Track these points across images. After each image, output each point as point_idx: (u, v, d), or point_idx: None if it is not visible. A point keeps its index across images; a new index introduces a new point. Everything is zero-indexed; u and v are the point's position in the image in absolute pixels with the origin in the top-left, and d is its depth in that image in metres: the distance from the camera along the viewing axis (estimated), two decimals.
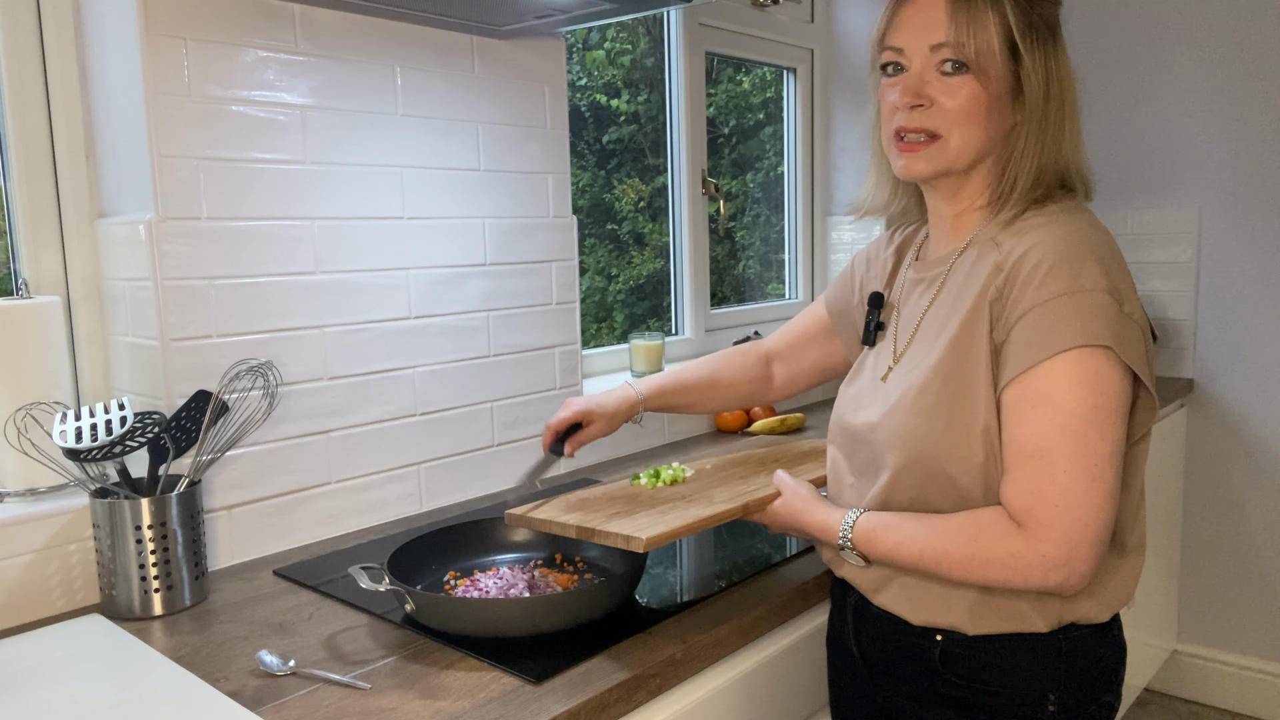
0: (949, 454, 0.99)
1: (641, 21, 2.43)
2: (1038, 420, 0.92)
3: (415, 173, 1.58)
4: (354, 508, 1.53)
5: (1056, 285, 0.93)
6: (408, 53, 1.55)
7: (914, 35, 1.01)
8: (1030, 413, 0.93)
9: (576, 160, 2.29)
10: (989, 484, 0.98)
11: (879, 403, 1.09)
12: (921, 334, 1.08)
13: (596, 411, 1.33)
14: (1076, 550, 0.92)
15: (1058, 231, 0.97)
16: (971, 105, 1.00)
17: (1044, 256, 0.95)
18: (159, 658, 1.07)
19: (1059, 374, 0.92)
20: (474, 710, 0.94)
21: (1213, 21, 2.58)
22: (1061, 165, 1.03)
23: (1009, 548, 0.93)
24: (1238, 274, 2.62)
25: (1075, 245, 0.95)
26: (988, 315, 0.98)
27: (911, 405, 1.02)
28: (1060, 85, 1.01)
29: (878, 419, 1.07)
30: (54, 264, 1.38)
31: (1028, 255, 0.96)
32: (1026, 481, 0.93)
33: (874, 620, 1.11)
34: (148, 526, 1.18)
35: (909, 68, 1.03)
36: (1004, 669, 1.02)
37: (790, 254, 2.91)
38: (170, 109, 1.29)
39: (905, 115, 1.03)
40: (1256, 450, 2.64)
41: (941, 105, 1.01)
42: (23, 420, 1.24)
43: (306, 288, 1.45)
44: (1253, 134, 2.55)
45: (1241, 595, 2.70)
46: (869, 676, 1.15)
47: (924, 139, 1.03)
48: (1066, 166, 1.03)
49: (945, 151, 1.02)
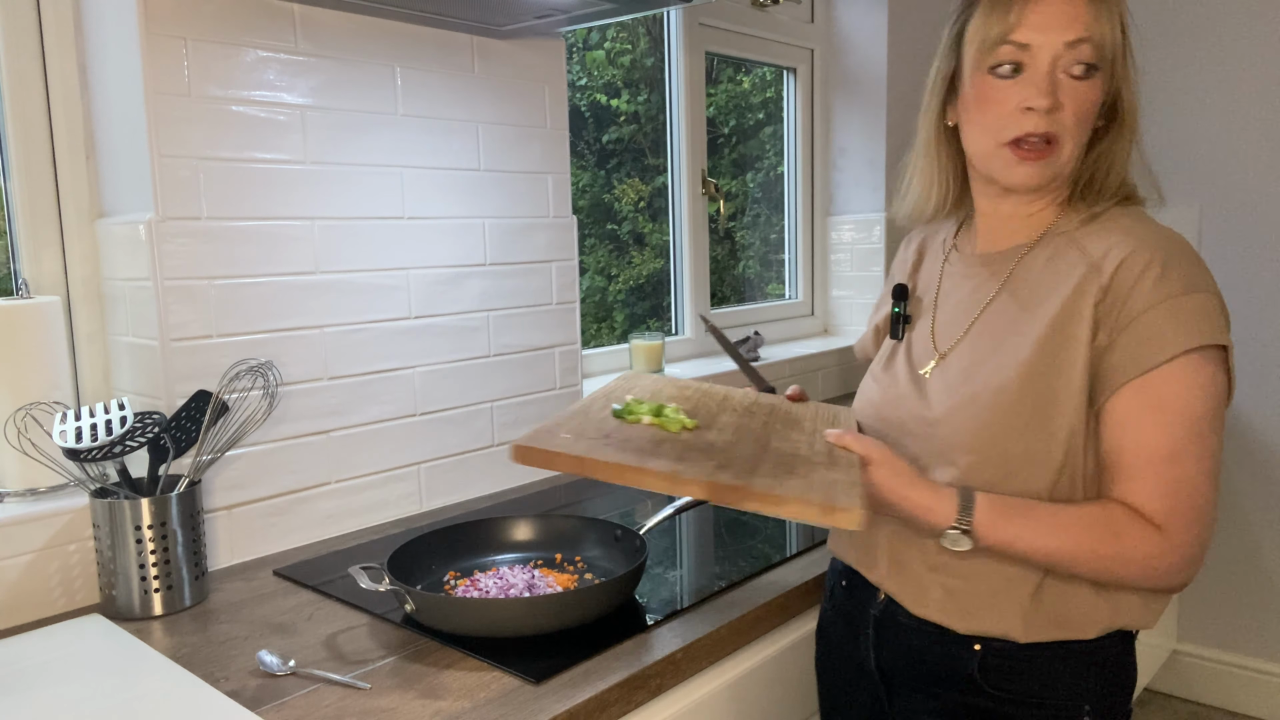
0: (1026, 454, 0.97)
1: (641, 21, 2.43)
2: (1166, 424, 0.92)
3: (415, 173, 1.58)
4: (354, 508, 1.53)
5: (1171, 286, 0.92)
6: (408, 53, 1.55)
7: (1049, 32, 0.95)
8: (1157, 416, 0.93)
9: (576, 160, 2.29)
10: (1057, 486, 0.97)
11: (934, 397, 1.05)
12: (981, 330, 1.05)
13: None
14: (1204, 548, 0.94)
15: (1153, 232, 0.97)
16: (1090, 110, 0.98)
17: (1153, 258, 0.94)
18: (159, 658, 1.07)
19: (1183, 377, 0.92)
20: (474, 710, 0.94)
21: (1213, 21, 2.58)
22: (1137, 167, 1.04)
23: (1151, 549, 0.93)
24: (1238, 274, 2.62)
25: (1176, 246, 0.95)
26: (1089, 318, 0.95)
27: (990, 403, 0.99)
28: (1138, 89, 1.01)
29: (939, 414, 1.03)
30: (54, 264, 1.38)
31: (1133, 257, 0.95)
32: (1161, 485, 0.93)
33: (902, 632, 1.07)
34: (148, 526, 1.18)
35: (1032, 66, 0.96)
36: (1043, 679, 1.00)
37: (790, 254, 2.91)
38: (170, 109, 1.29)
39: (1039, 119, 0.96)
40: (1256, 450, 2.64)
41: (1065, 109, 0.96)
42: (23, 420, 1.24)
43: (306, 288, 1.45)
44: (1253, 134, 2.55)
45: (1241, 595, 2.70)
46: (886, 694, 1.11)
47: (1043, 145, 0.97)
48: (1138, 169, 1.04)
49: (1059, 159, 0.99)
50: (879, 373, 1.16)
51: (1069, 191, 1.04)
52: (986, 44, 0.97)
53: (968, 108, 1.02)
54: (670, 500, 1.47)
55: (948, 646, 1.03)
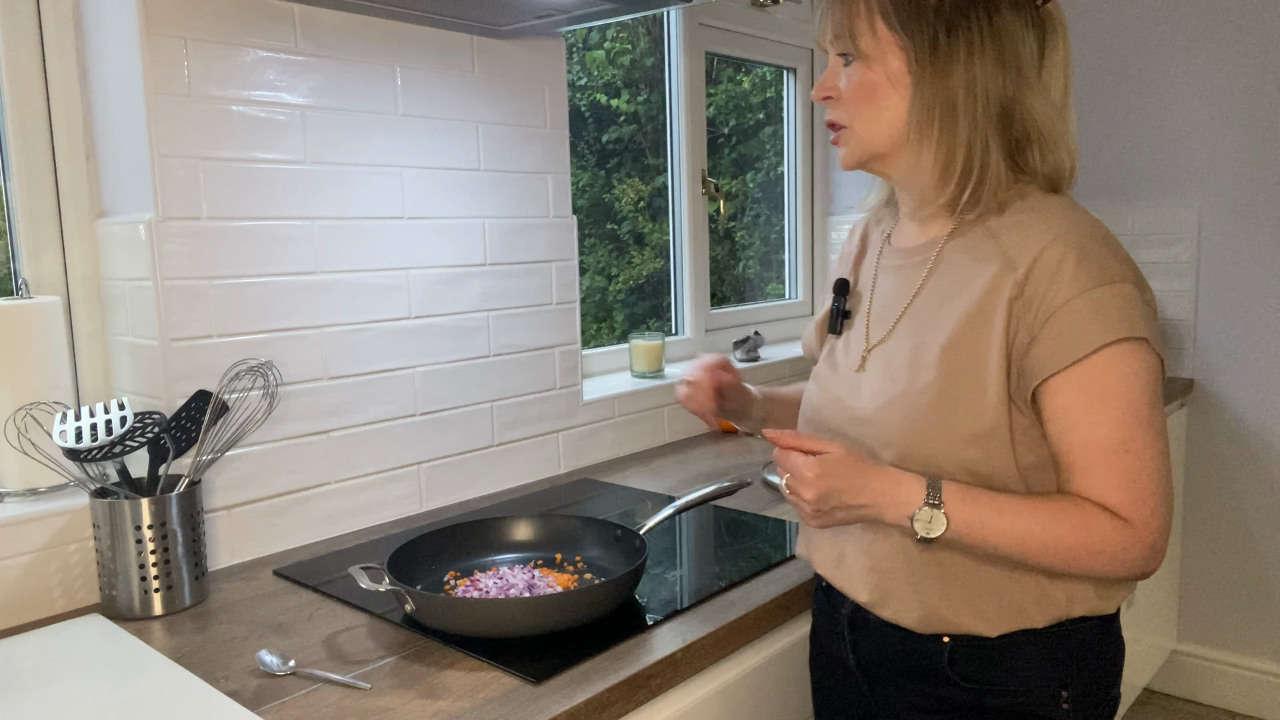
0: (946, 453, 0.97)
1: (641, 21, 2.43)
2: (1111, 415, 0.92)
3: (415, 173, 1.58)
4: (354, 508, 1.53)
5: (1089, 278, 0.92)
6: (408, 53, 1.55)
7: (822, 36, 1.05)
8: (1100, 408, 0.93)
9: (576, 160, 2.29)
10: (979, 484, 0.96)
11: (865, 395, 1.05)
12: (907, 325, 1.04)
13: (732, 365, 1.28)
14: (1168, 533, 0.94)
15: (1069, 223, 0.96)
16: (863, 91, 1.01)
17: (1068, 250, 0.94)
18: (159, 658, 1.07)
19: (1118, 365, 0.92)
20: (474, 710, 0.94)
21: (1213, 21, 2.58)
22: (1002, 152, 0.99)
23: (1121, 541, 0.93)
24: (1238, 274, 2.62)
25: (1091, 237, 0.95)
26: (1004, 314, 0.95)
27: (913, 403, 0.99)
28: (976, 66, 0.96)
29: (868, 413, 1.03)
30: (54, 264, 1.38)
31: (1048, 250, 0.94)
32: (1118, 476, 0.93)
33: (874, 631, 1.07)
34: (148, 526, 1.18)
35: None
36: (1015, 668, 1.00)
37: (790, 254, 2.91)
38: (170, 109, 1.29)
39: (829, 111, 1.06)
40: (1256, 450, 2.64)
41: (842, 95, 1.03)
42: (23, 420, 1.24)
43: (306, 288, 1.45)
44: (1253, 134, 2.55)
45: (1241, 595, 2.70)
46: (869, 690, 1.11)
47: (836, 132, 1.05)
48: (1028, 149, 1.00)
49: (850, 140, 1.04)
50: (819, 370, 1.16)
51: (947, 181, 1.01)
52: None
53: None
54: (670, 500, 1.47)
55: (918, 643, 1.04)
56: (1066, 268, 0.93)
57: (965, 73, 0.97)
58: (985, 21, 0.97)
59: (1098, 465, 0.94)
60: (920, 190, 1.04)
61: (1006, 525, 0.94)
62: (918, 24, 0.97)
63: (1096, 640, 1.02)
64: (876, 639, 1.08)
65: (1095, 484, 0.94)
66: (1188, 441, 2.75)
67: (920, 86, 0.98)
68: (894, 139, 1.01)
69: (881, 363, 1.05)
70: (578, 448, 1.90)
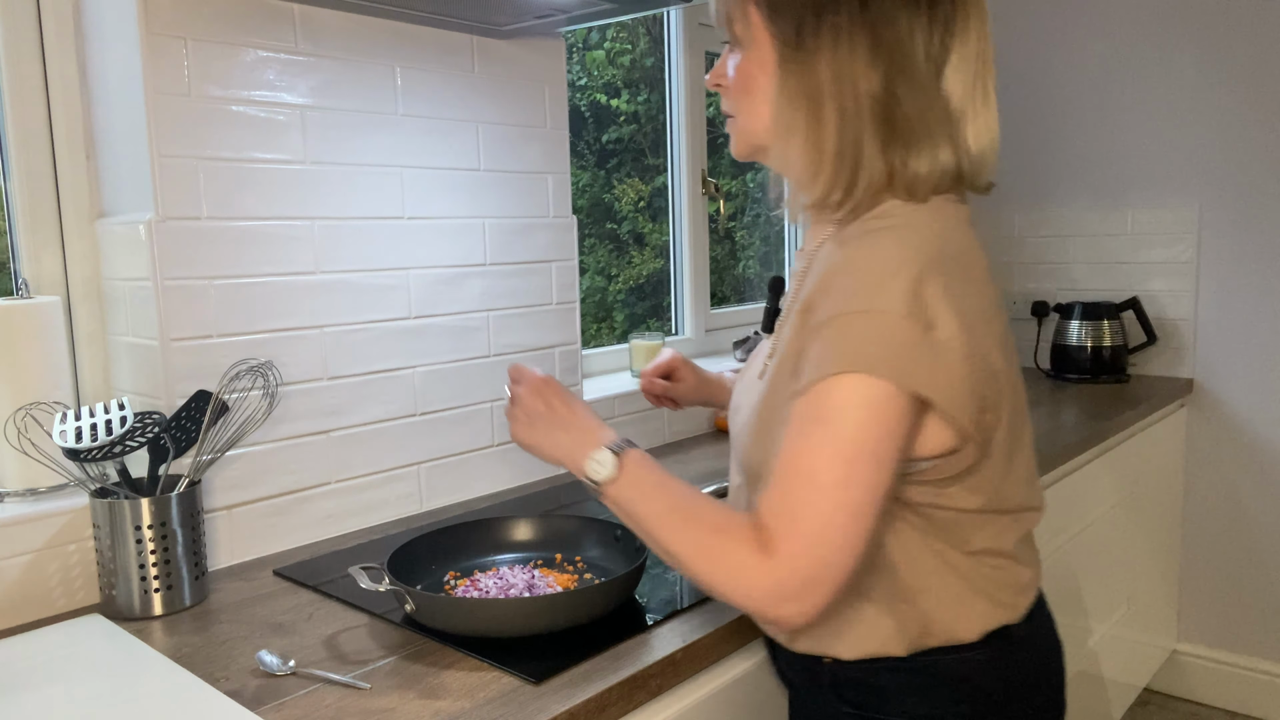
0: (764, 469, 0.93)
1: (641, 21, 2.43)
2: (813, 437, 0.84)
3: (415, 173, 1.58)
4: (354, 508, 1.53)
5: (851, 302, 0.85)
6: (408, 53, 1.55)
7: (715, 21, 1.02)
8: (809, 428, 0.84)
9: (576, 160, 2.29)
10: None
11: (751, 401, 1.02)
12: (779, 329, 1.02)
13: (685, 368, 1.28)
14: (812, 588, 0.82)
15: (881, 241, 0.88)
16: (747, 80, 0.96)
17: (849, 268, 0.87)
18: (159, 658, 1.07)
19: (843, 394, 0.83)
20: (474, 710, 0.94)
21: (1213, 21, 2.58)
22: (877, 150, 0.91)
23: (743, 559, 0.84)
24: (1238, 274, 2.62)
25: (892, 259, 0.86)
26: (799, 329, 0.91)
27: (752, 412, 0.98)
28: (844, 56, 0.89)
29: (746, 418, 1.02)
30: (54, 264, 1.38)
31: (838, 266, 0.89)
32: (784, 499, 0.84)
33: (777, 645, 1.07)
34: (148, 526, 1.18)
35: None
36: (891, 698, 0.96)
37: (790, 254, 2.91)
38: (170, 109, 1.29)
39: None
40: (1256, 450, 2.64)
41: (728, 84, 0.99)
42: (23, 420, 1.24)
43: (306, 288, 1.45)
44: (1252, 134, 2.55)
45: (1241, 595, 2.70)
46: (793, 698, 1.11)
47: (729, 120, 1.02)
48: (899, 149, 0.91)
49: (736, 129, 1.00)
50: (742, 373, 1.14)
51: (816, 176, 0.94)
52: None
53: None
54: None
55: (805, 661, 1.02)
56: (841, 286, 0.87)
57: (833, 63, 0.89)
58: (857, 7, 0.89)
59: (778, 479, 0.85)
60: (795, 187, 0.98)
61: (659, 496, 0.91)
62: (786, 9, 0.91)
63: (977, 674, 0.95)
64: (782, 652, 1.08)
65: (766, 497, 0.86)
66: (1187, 441, 2.75)
67: (786, 76, 0.91)
68: (770, 131, 0.95)
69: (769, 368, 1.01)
70: None
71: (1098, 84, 2.77)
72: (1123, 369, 2.70)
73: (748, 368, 1.11)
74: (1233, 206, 2.61)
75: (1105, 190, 2.80)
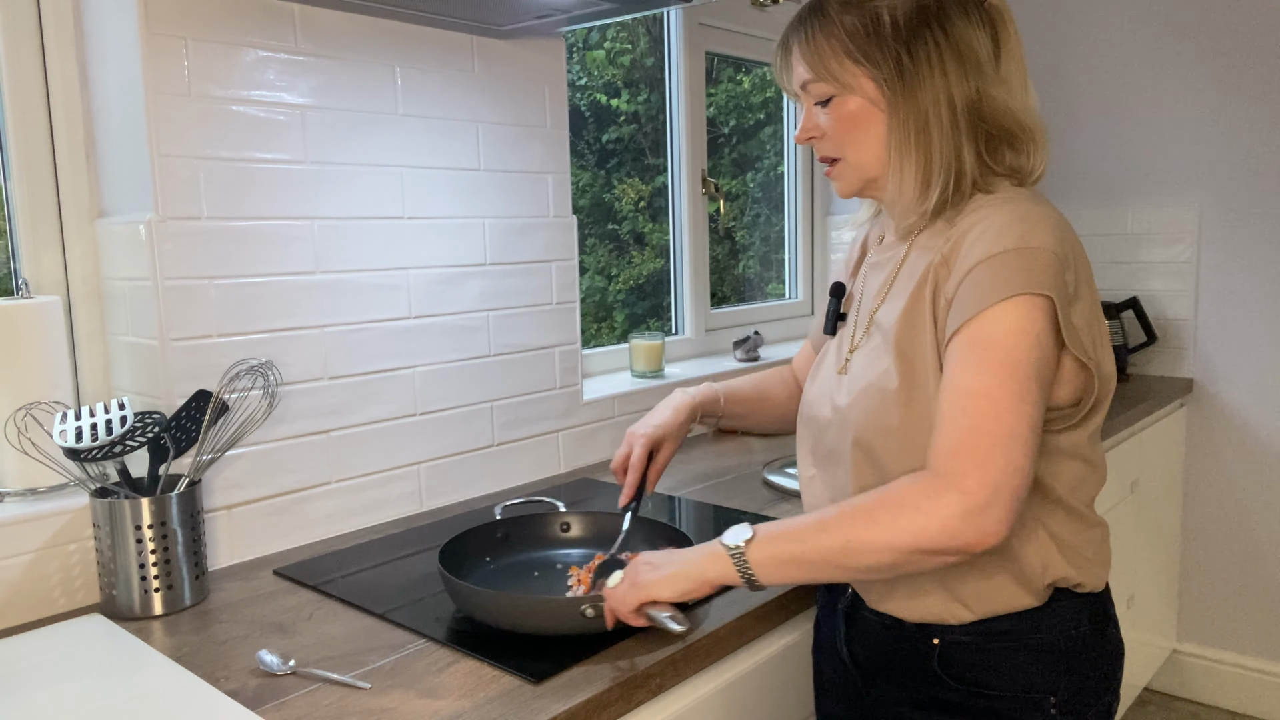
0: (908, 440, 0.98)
1: (641, 21, 2.43)
2: (981, 361, 0.90)
3: (415, 172, 1.58)
4: (354, 507, 1.54)
5: (1005, 241, 0.93)
6: (408, 53, 1.55)
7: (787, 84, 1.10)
8: (977, 354, 0.91)
9: (576, 160, 2.29)
10: None
11: (842, 392, 1.07)
12: (878, 318, 1.07)
13: (664, 432, 1.29)
14: (999, 496, 0.87)
15: (1009, 205, 0.98)
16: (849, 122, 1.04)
17: (992, 220, 0.96)
18: (159, 658, 1.07)
19: (1006, 319, 0.91)
20: (474, 710, 0.94)
21: (1213, 21, 2.58)
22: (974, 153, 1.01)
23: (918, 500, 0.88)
24: (1238, 274, 2.62)
25: (1028, 214, 0.96)
26: (932, 281, 0.98)
27: (878, 390, 1.01)
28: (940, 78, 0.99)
29: (843, 407, 1.06)
30: (54, 264, 1.38)
31: (976, 223, 0.97)
32: (965, 418, 0.89)
33: (867, 624, 1.10)
34: (148, 526, 1.18)
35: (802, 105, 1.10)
36: (1004, 670, 1.01)
37: (790, 254, 2.91)
38: (170, 109, 1.29)
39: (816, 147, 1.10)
40: (1256, 450, 2.64)
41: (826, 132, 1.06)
42: (23, 420, 1.24)
43: (306, 288, 1.45)
44: (1252, 134, 2.55)
45: (1241, 595, 2.70)
46: (862, 684, 1.13)
47: (829, 165, 1.09)
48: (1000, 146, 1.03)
49: (845, 171, 1.07)
50: (814, 369, 1.19)
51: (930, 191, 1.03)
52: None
53: None
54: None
55: (908, 641, 1.05)
56: (987, 233, 0.95)
57: (932, 86, 1.00)
58: (940, 34, 1.00)
59: (946, 414, 0.91)
60: (905, 205, 1.06)
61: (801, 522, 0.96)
62: (880, 52, 1.00)
63: (1087, 645, 1.02)
64: (871, 634, 1.09)
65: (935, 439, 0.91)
66: (1187, 441, 2.75)
67: (894, 108, 1.01)
68: (882, 161, 1.04)
69: (861, 358, 1.07)
70: (578, 447, 1.90)
71: (1097, 84, 2.77)
72: (1123, 369, 2.70)
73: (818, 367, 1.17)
74: (1233, 206, 2.61)
75: (1105, 190, 2.80)
